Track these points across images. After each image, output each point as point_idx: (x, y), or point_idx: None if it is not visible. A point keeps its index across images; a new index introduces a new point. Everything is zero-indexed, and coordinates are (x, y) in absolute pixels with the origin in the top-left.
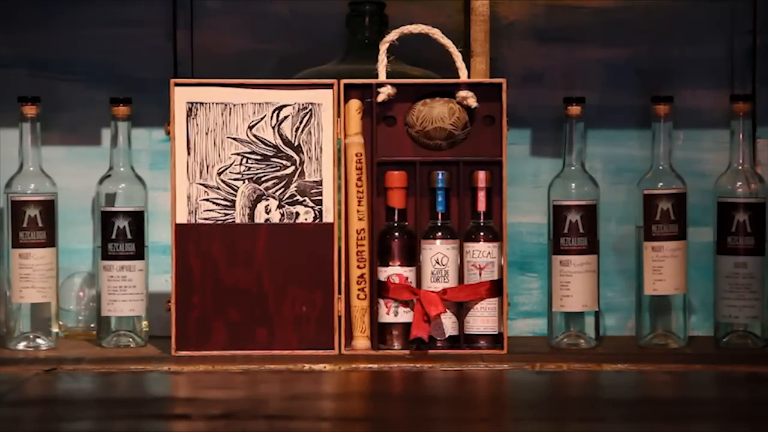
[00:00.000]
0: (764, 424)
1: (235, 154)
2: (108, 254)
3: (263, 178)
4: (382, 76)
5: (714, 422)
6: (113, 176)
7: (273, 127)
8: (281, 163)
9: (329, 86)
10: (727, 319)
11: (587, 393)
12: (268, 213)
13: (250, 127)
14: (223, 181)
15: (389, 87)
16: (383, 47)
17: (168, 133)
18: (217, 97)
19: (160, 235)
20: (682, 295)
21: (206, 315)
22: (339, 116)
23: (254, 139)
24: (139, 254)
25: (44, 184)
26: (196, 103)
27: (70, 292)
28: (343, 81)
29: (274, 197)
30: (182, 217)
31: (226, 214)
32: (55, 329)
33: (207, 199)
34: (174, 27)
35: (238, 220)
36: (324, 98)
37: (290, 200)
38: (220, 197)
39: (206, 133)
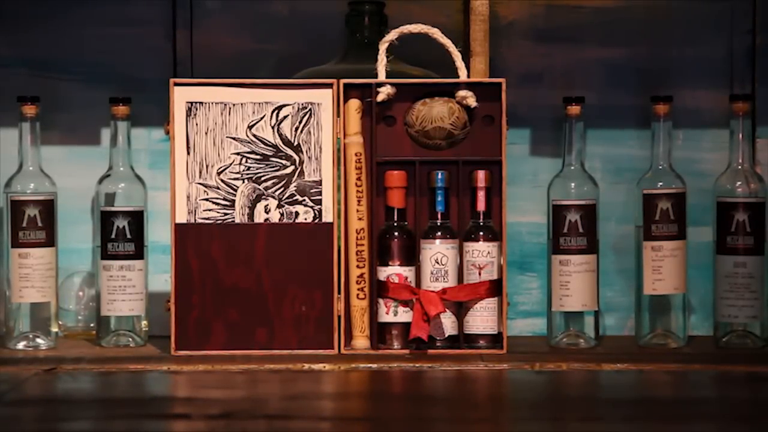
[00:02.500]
0: (764, 424)
1: (234, 153)
2: (107, 254)
3: (263, 178)
4: (382, 76)
5: (714, 422)
6: (113, 176)
7: (272, 127)
8: (281, 163)
9: (329, 86)
10: (726, 319)
11: (587, 393)
12: (267, 213)
13: (250, 127)
14: (222, 180)
15: (389, 87)
16: (383, 47)
17: (167, 132)
18: (216, 96)
19: (159, 235)
20: (681, 294)
21: (206, 315)
22: (338, 116)
23: (254, 139)
24: (139, 254)
25: (44, 183)
26: (196, 102)
27: (69, 291)
28: (343, 81)
29: (273, 197)
30: (182, 217)
31: (226, 214)
32: (54, 329)
33: (206, 199)
34: (173, 27)
35: (237, 220)
36: (323, 98)
37: (290, 200)
38: (219, 197)
39: (206, 133)
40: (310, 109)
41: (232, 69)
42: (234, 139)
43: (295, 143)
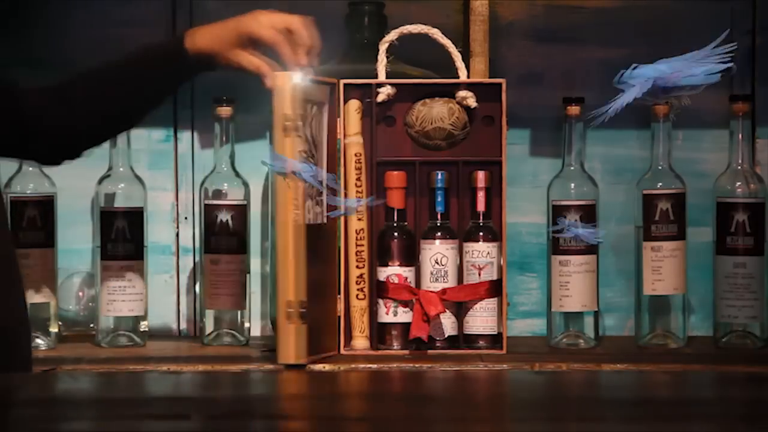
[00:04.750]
0: (764, 424)
1: None
2: (107, 254)
3: None
4: (382, 76)
5: (714, 422)
6: (113, 176)
7: None
8: None
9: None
10: (726, 319)
11: (587, 393)
12: None
13: None
14: None
15: (389, 87)
16: (383, 47)
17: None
18: None
19: (159, 235)
20: (681, 295)
21: None
22: (339, 116)
23: None
24: (139, 254)
25: (43, 184)
26: None
27: (69, 292)
28: (343, 81)
29: None
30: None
31: None
32: (54, 329)
33: None
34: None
35: None
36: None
37: None
38: None
39: None
40: None
41: None
42: None
43: None
